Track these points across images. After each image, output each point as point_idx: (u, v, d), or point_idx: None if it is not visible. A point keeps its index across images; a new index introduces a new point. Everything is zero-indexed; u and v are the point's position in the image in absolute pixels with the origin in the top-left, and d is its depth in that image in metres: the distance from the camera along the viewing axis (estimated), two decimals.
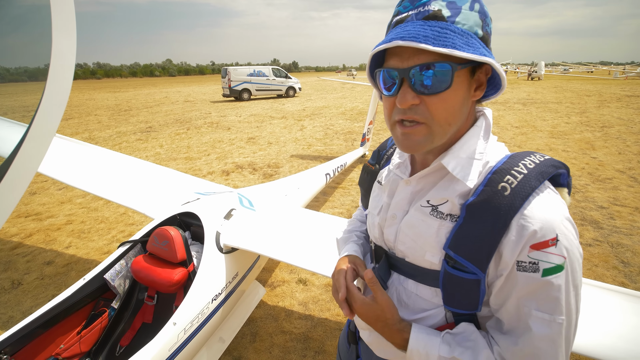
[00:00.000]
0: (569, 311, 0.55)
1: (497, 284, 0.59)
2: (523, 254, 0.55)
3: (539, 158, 0.62)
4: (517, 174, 0.58)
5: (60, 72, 0.78)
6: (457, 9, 0.56)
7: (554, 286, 0.54)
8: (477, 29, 0.57)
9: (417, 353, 0.63)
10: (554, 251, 0.54)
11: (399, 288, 0.73)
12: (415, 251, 0.67)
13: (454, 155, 0.63)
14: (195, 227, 2.03)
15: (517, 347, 0.57)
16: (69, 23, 0.79)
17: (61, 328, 1.60)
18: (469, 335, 0.63)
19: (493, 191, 0.58)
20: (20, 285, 2.92)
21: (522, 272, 0.56)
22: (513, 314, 0.58)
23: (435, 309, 0.68)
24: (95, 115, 14.14)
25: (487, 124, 0.66)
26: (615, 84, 26.10)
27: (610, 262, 3.08)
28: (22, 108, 10.27)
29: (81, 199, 4.85)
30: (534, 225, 0.54)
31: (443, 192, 0.64)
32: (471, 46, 0.54)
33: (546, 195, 0.57)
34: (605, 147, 6.94)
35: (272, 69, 19.94)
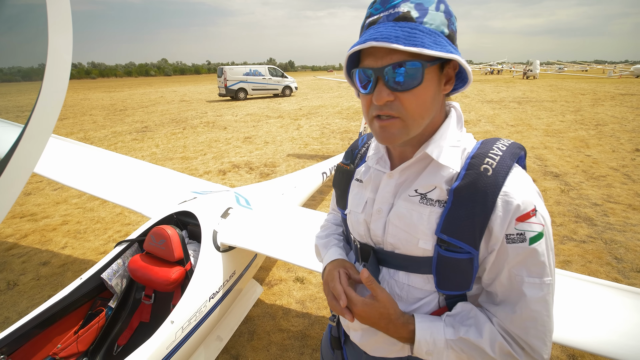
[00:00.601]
0: (552, 271, 0.62)
1: (489, 260, 0.64)
2: (510, 227, 0.61)
3: (507, 142, 0.68)
4: (494, 156, 0.64)
5: (56, 71, 0.78)
6: (425, 10, 0.60)
7: (539, 252, 0.61)
8: (444, 28, 0.61)
9: (424, 342, 0.66)
10: (535, 220, 0.60)
11: (390, 282, 0.74)
12: (407, 241, 0.70)
13: (437, 145, 0.67)
14: (192, 226, 2.03)
15: (516, 314, 0.62)
16: (65, 22, 0.79)
17: (58, 327, 1.60)
18: (468, 313, 0.67)
19: (477, 173, 0.63)
20: (16, 286, 2.91)
21: (511, 244, 0.61)
22: (506, 284, 0.63)
23: (429, 296, 0.71)
24: (90, 115, 14.04)
25: (458, 115, 0.72)
26: (610, 82, 26.32)
27: (603, 259, 3.12)
28: (16, 108, 10.18)
29: (77, 199, 4.82)
30: (517, 199, 0.60)
31: (430, 179, 0.68)
32: (439, 44, 0.58)
33: (519, 172, 0.64)
34: (599, 145, 7.01)
35: (268, 68, 19.89)
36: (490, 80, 33.78)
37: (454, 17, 0.63)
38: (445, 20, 0.61)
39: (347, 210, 0.86)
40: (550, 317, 0.62)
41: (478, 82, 29.70)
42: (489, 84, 26.81)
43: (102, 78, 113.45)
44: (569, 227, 3.71)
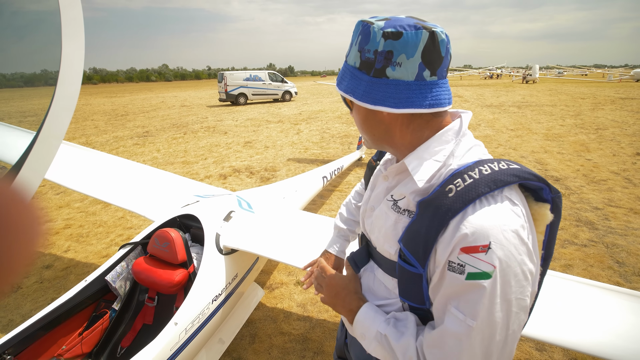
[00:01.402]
0: (490, 322, 0.55)
1: (433, 279, 0.63)
2: (453, 255, 0.57)
3: (502, 166, 0.62)
4: (468, 178, 0.60)
5: (69, 77, 0.81)
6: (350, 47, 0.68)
7: (475, 291, 0.55)
8: (356, 62, 0.65)
9: (360, 324, 0.73)
10: (483, 258, 0.55)
11: (370, 275, 0.82)
12: (380, 241, 0.75)
13: (417, 156, 0.68)
14: (195, 229, 2.05)
15: (432, 338, 0.61)
16: (77, 29, 0.82)
17: (63, 329, 1.61)
18: (407, 322, 0.69)
19: (441, 192, 0.62)
20: (20, 288, 2.92)
21: (450, 271, 0.58)
22: (439, 309, 0.62)
23: (395, 298, 0.75)
24: (92, 120, 14.12)
25: (457, 129, 0.68)
26: (609, 86, 26.40)
27: (605, 263, 3.12)
28: (19, 114, 10.25)
29: (79, 203, 4.84)
30: (467, 229, 0.56)
31: (403, 188, 0.71)
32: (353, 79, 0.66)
33: (494, 203, 0.58)
34: (599, 149, 7.03)
35: (268, 73, 20.02)
36: (490, 84, 33.92)
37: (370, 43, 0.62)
38: (358, 53, 0.64)
39: None
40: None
41: (477, 87, 29.82)
42: (488, 89, 26.92)
43: (103, 83, 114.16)
44: (570, 230, 3.72)
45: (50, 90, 0.84)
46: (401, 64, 0.60)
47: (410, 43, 0.59)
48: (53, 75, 1.06)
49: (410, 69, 0.61)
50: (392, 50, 0.60)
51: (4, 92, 1.26)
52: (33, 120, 9.92)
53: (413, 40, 0.59)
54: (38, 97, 0.94)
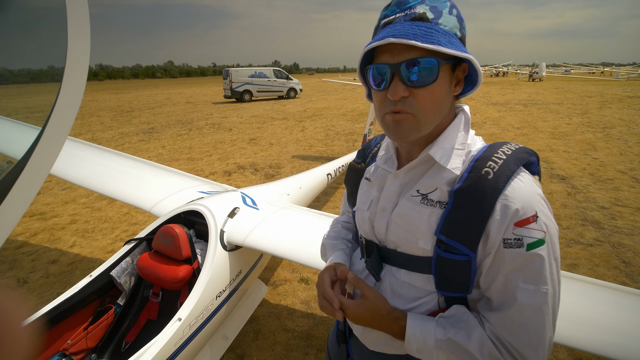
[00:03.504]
0: (553, 281, 0.60)
1: (486, 263, 0.63)
2: (508, 232, 0.60)
3: (514, 146, 0.68)
4: (497, 159, 0.64)
5: (74, 73, 0.81)
6: (439, 12, 0.62)
7: (537, 259, 0.59)
8: (457, 31, 0.63)
9: (414, 340, 0.67)
10: (535, 227, 0.59)
11: (391, 279, 0.75)
12: (408, 240, 0.70)
13: (440, 147, 0.68)
14: (200, 225, 2.06)
15: (507, 320, 0.61)
16: (83, 25, 0.82)
17: (69, 324, 1.63)
18: (461, 316, 0.67)
19: (478, 176, 0.63)
20: (26, 283, 2.96)
21: (508, 248, 0.60)
22: (501, 290, 0.62)
23: (428, 295, 0.71)
24: (97, 116, 14.21)
25: (466, 118, 0.72)
26: (617, 85, 26.05)
27: (611, 262, 3.09)
28: (25, 109, 10.34)
29: (85, 199, 4.89)
30: (516, 204, 0.59)
31: (432, 180, 0.69)
32: (453, 44, 0.60)
33: (523, 177, 0.63)
34: (606, 148, 6.94)
35: (273, 70, 20.01)
36: (496, 82, 33.60)
37: (464, 22, 0.66)
38: (458, 24, 0.64)
39: (355, 208, 0.88)
40: (544, 328, 0.60)
41: (483, 85, 29.57)
42: (494, 86, 26.67)
43: (109, 80, 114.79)
44: (575, 230, 3.68)
45: (56, 87, 0.84)
46: None
47: None
48: (59, 71, 1.06)
49: None
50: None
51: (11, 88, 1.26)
52: (39, 116, 9.95)
53: None
54: (44, 93, 0.94)
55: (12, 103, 3.66)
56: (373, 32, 0.68)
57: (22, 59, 1.13)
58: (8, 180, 0.76)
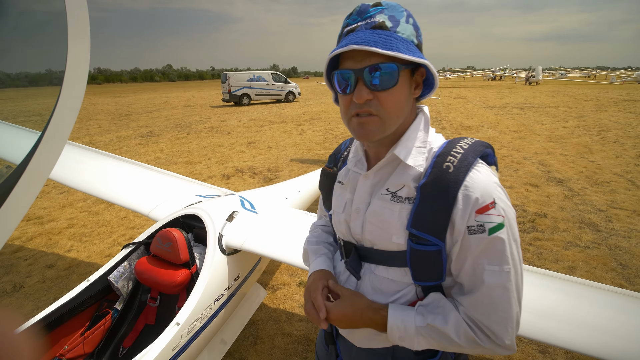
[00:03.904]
0: (514, 260, 0.66)
1: (454, 250, 0.69)
2: (471, 219, 0.65)
3: (471, 140, 0.73)
4: (456, 154, 0.69)
5: (74, 77, 0.81)
6: (397, 21, 0.67)
7: (498, 241, 0.64)
8: (413, 38, 0.68)
9: (396, 328, 0.71)
10: (494, 212, 0.65)
11: (371, 276, 0.80)
12: (383, 237, 0.74)
13: (404, 146, 0.73)
14: (198, 229, 2.06)
15: (478, 301, 0.67)
16: (83, 29, 0.82)
17: (65, 329, 1.62)
18: (438, 302, 0.72)
19: (440, 171, 0.68)
20: (22, 288, 2.93)
21: (472, 234, 0.65)
22: (470, 274, 0.68)
23: (407, 287, 0.76)
24: (95, 120, 14.19)
25: (426, 119, 0.77)
26: (613, 88, 26.29)
27: (608, 265, 3.10)
28: (23, 113, 10.31)
29: (82, 203, 4.87)
30: (475, 193, 0.65)
31: (399, 178, 0.73)
32: (411, 51, 0.65)
33: (480, 168, 0.68)
34: (602, 151, 6.99)
35: (272, 74, 20.07)
36: (493, 86, 33.84)
37: (420, 30, 0.71)
38: (414, 32, 0.69)
39: (330, 211, 0.91)
40: (511, 304, 0.65)
41: (480, 88, 29.76)
42: (491, 90, 26.85)
43: (107, 83, 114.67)
44: (572, 232, 3.70)
45: (54, 90, 0.84)
46: None
47: None
48: (58, 75, 1.06)
49: None
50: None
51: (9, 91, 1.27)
52: (37, 119, 9.97)
53: None
54: (42, 97, 0.95)
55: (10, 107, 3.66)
56: (337, 39, 0.72)
57: (21, 63, 1.13)
58: (7, 185, 0.76)
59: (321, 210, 1.06)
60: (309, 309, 0.78)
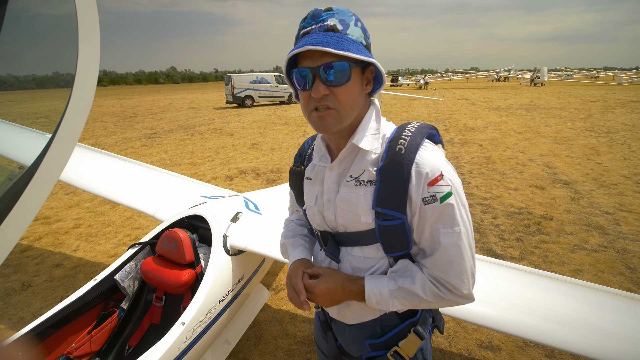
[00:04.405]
0: (464, 222, 0.76)
1: (414, 221, 0.78)
2: (424, 192, 0.75)
3: (417, 124, 0.83)
4: (405, 137, 0.78)
5: (84, 80, 0.83)
6: (347, 24, 0.75)
7: (449, 207, 0.74)
8: (362, 39, 0.76)
9: (372, 294, 0.81)
10: (443, 183, 0.74)
11: (349, 258, 0.88)
12: (353, 220, 0.83)
13: (361, 135, 0.81)
14: (203, 230, 2.07)
15: (437, 261, 0.77)
16: (93, 33, 0.84)
17: (73, 327, 1.64)
18: (406, 267, 0.82)
19: (393, 153, 0.77)
20: (30, 287, 2.97)
21: (427, 205, 0.75)
22: (429, 239, 0.78)
23: (380, 261, 0.85)
24: (101, 121, 14.33)
25: (377, 110, 0.86)
26: (620, 89, 26.02)
27: (616, 268, 3.06)
28: (30, 115, 10.46)
29: (88, 203, 4.91)
30: (425, 168, 0.74)
31: (359, 164, 0.82)
32: (360, 51, 0.73)
33: (427, 146, 0.79)
34: (610, 153, 6.92)
35: (275, 76, 20.13)
36: (497, 87, 33.66)
37: (368, 32, 0.79)
38: (363, 34, 0.77)
39: (304, 206, 0.98)
40: (464, 259, 0.76)
41: (484, 89, 29.61)
42: (495, 91, 26.71)
43: (112, 86, 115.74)
44: (579, 235, 3.66)
45: (61, 92, 0.85)
46: None
47: None
48: (64, 77, 1.08)
49: None
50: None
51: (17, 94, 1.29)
52: (44, 121, 10.10)
53: None
54: (49, 99, 0.95)
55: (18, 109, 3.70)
56: (294, 41, 0.79)
57: (29, 66, 1.15)
58: (20, 185, 0.78)
59: (293, 206, 1.13)
60: (291, 294, 0.86)
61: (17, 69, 1.16)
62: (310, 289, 0.84)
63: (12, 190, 0.76)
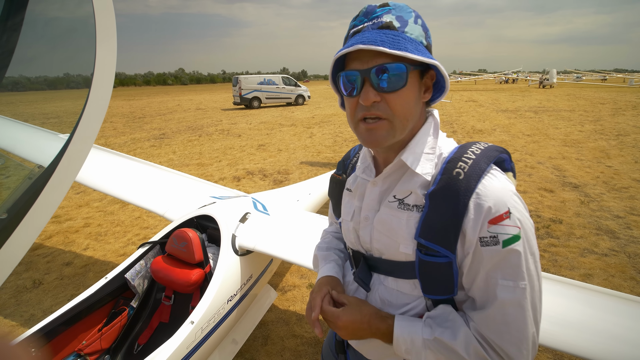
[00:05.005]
0: (530, 276, 0.61)
1: (466, 263, 0.64)
2: (483, 230, 0.61)
3: (483, 145, 0.69)
4: (467, 159, 0.65)
5: (102, 81, 0.85)
6: (405, 21, 0.64)
7: (514, 254, 0.60)
8: (422, 39, 0.65)
9: (402, 340, 0.68)
10: (509, 223, 0.60)
11: (380, 287, 0.77)
12: (390, 246, 0.71)
13: (411, 151, 0.69)
14: (212, 230, 2.09)
15: (490, 318, 0.62)
16: (110, 35, 0.86)
17: (84, 325, 1.67)
18: (448, 316, 0.67)
19: (449, 177, 0.64)
20: (41, 284, 3.02)
21: (485, 247, 0.61)
22: (483, 288, 0.63)
23: (416, 300, 0.72)
24: (110, 122, 14.53)
25: (435, 123, 0.73)
26: (631, 91, 25.59)
27: (627, 273, 3.01)
28: (41, 115, 10.64)
29: (98, 203, 4.99)
30: (488, 202, 0.61)
31: (406, 185, 0.70)
32: (420, 51, 0.62)
33: (494, 175, 0.64)
34: (620, 156, 6.81)
35: (282, 77, 20.24)
36: (505, 89, 33.35)
37: (429, 32, 0.68)
38: (423, 33, 0.66)
39: (339, 219, 0.89)
40: (526, 324, 0.60)
41: (492, 92, 29.35)
42: (503, 93, 26.46)
43: (122, 87, 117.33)
44: (589, 239, 3.61)
45: (74, 93, 0.88)
46: None
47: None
48: (75, 78, 1.11)
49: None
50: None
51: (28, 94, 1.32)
52: (55, 122, 10.27)
53: None
54: (60, 100, 0.98)
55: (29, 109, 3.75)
56: (343, 41, 0.70)
57: (43, 68, 1.18)
58: (38, 184, 0.80)
59: (331, 216, 1.04)
60: (307, 311, 0.77)
61: (34, 70, 1.19)
62: (332, 318, 0.72)
63: (32, 189, 0.79)
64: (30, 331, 1.45)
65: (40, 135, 3.05)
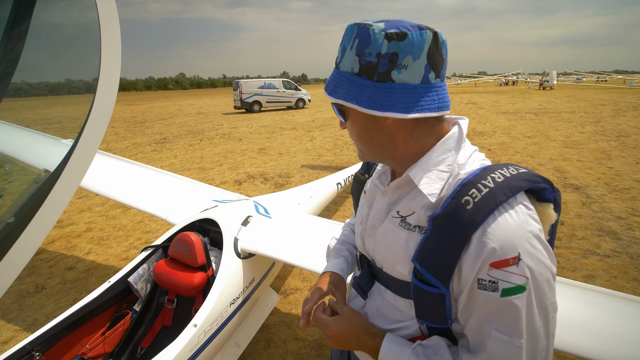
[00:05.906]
0: (532, 334, 0.53)
1: (461, 300, 0.59)
2: (483, 272, 0.54)
3: (512, 171, 0.59)
4: (483, 187, 0.57)
5: (106, 87, 0.86)
6: (343, 52, 0.62)
7: (512, 307, 0.53)
8: (353, 67, 0.60)
9: None
10: (515, 271, 0.52)
11: (378, 298, 0.75)
12: (388, 261, 0.69)
13: (421, 168, 0.64)
14: (214, 233, 2.10)
15: None
16: (115, 41, 0.88)
17: (87, 328, 1.67)
18: (438, 350, 0.62)
19: (457, 204, 0.57)
20: (44, 289, 3.03)
21: (482, 290, 0.55)
22: (475, 332, 0.58)
23: (410, 320, 0.68)
24: (112, 127, 14.59)
25: (458, 136, 0.65)
26: (631, 92, 25.60)
27: (630, 274, 3.00)
28: (44, 121, 10.70)
29: (100, 207, 5.00)
30: (494, 242, 0.53)
31: (411, 203, 0.65)
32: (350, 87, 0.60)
33: (514, 210, 0.55)
34: (622, 157, 6.80)
35: (282, 81, 20.32)
36: (506, 91, 33.40)
37: (371, 45, 0.57)
38: (356, 57, 0.59)
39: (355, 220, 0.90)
40: None
41: (492, 94, 29.41)
42: (504, 95, 26.51)
43: (123, 92, 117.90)
44: (591, 240, 3.60)
45: (76, 99, 0.89)
46: (407, 67, 0.57)
47: (416, 44, 0.56)
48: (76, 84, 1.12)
49: (416, 72, 0.58)
50: (397, 52, 0.56)
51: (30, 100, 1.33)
52: (57, 127, 10.33)
53: (418, 41, 0.56)
54: (61, 105, 1.00)
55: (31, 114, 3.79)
56: None
57: (45, 74, 1.20)
58: (44, 188, 0.81)
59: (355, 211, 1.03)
60: (303, 303, 0.76)
61: (37, 76, 1.21)
62: (321, 326, 0.70)
63: (39, 193, 0.80)
64: (34, 335, 1.46)
65: (43, 141, 3.07)
